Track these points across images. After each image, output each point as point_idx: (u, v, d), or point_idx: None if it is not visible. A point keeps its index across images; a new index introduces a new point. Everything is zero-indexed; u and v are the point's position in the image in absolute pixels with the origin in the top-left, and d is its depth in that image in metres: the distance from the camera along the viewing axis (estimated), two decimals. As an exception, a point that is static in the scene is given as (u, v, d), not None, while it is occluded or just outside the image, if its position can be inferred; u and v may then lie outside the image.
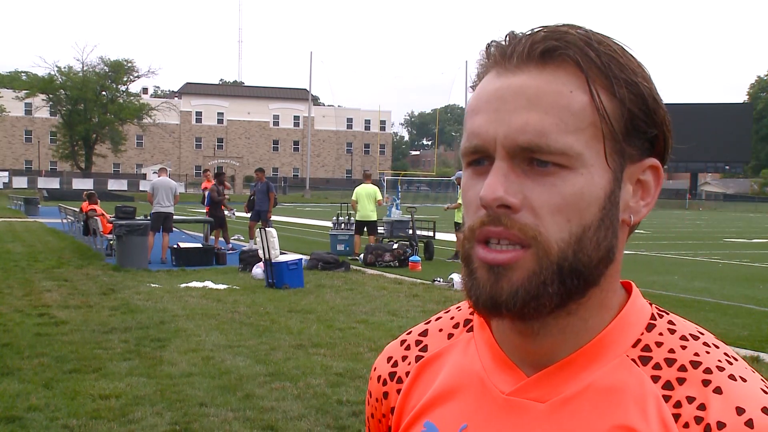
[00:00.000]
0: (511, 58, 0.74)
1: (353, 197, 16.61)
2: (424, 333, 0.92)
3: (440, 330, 0.91)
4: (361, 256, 15.76)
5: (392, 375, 0.91)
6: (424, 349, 0.90)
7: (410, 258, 14.92)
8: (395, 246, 15.73)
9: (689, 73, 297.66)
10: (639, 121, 0.75)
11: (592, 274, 0.75)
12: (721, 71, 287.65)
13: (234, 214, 18.55)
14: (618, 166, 0.75)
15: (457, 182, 17.21)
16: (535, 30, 0.75)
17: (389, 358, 0.93)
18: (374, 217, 16.65)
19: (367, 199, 16.40)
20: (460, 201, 16.79)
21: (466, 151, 0.76)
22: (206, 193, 18.15)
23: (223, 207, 17.64)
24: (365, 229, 16.59)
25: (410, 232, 16.88)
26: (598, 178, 0.73)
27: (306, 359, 7.09)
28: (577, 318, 0.76)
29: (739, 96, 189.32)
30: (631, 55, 0.76)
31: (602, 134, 0.73)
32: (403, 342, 0.93)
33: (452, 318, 0.91)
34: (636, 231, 0.81)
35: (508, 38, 0.76)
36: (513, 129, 0.72)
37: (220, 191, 17.66)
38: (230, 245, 17.81)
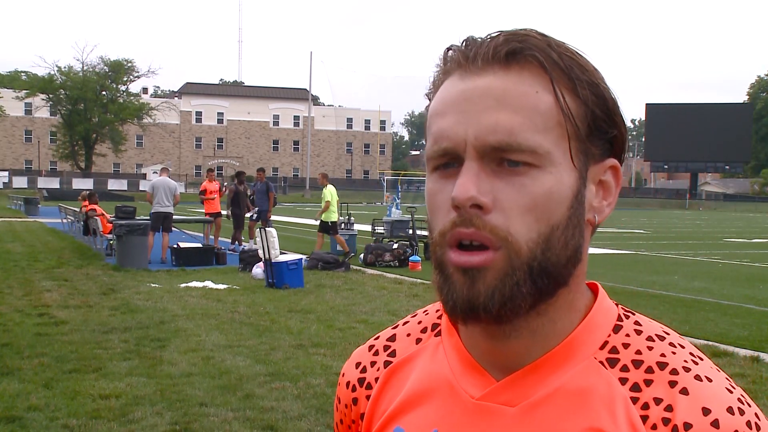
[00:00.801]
0: (475, 60, 0.75)
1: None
2: (392, 338, 0.92)
3: (408, 335, 0.91)
4: (361, 256, 15.77)
5: (361, 381, 0.91)
6: (393, 354, 0.90)
7: (410, 258, 14.93)
8: (395, 246, 15.73)
9: (690, 73, 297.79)
10: (601, 122, 0.76)
11: (561, 273, 0.75)
12: (721, 71, 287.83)
13: (254, 215, 18.52)
14: (583, 165, 0.76)
15: (322, 180, 16.78)
16: (495, 34, 0.76)
17: (357, 364, 0.93)
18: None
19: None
20: (328, 199, 16.12)
21: (433, 154, 0.76)
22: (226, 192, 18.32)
23: (248, 206, 17.78)
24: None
25: (410, 232, 16.88)
26: (567, 177, 0.74)
27: (306, 359, 7.09)
28: (546, 319, 0.77)
29: (739, 96, 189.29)
30: (587, 59, 0.77)
31: (567, 134, 0.74)
32: (371, 347, 0.93)
33: (420, 322, 0.91)
34: (636, 231, 0.81)
35: (467, 43, 0.77)
36: (483, 128, 0.72)
37: (237, 191, 17.66)
38: (238, 245, 17.74)
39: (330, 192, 16.22)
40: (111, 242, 15.79)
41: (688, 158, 78.55)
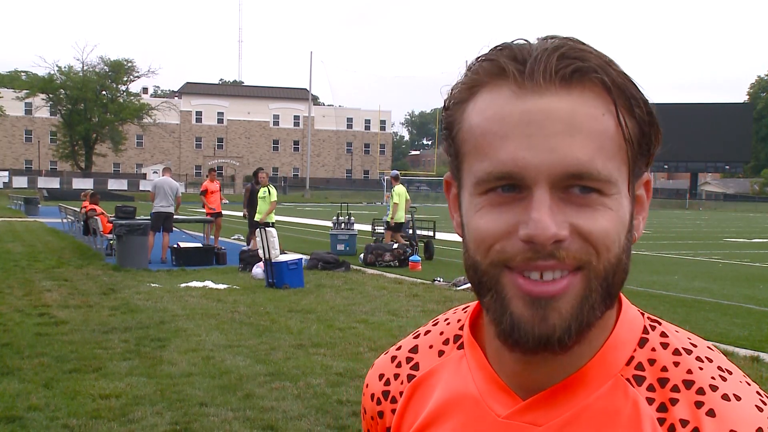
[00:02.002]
0: (533, 76, 0.70)
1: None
2: (415, 349, 0.91)
3: (430, 347, 0.90)
4: (361, 256, 15.79)
5: (386, 394, 0.91)
6: (416, 367, 0.89)
7: (410, 258, 14.93)
8: (395, 246, 15.73)
9: (690, 73, 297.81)
10: (648, 140, 0.74)
11: (617, 296, 0.75)
12: (721, 71, 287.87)
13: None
14: (633, 186, 0.74)
15: (393, 182, 17.06)
16: (545, 43, 0.71)
17: (381, 375, 0.92)
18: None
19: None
20: (396, 201, 16.24)
21: (491, 177, 0.71)
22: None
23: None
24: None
25: (410, 231, 16.88)
26: (626, 202, 0.73)
27: (306, 359, 7.09)
28: (585, 340, 0.74)
29: (739, 96, 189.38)
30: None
31: (628, 159, 0.72)
32: (393, 358, 0.92)
33: (441, 333, 0.90)
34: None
35: (510, 52, 0.72)
36: (559, 157, 0.68)
37: (257, 191, 17.45)
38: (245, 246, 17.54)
39: (397, 192, 16.34)
40: (111, 242, 15.79)
41: (688, 158, 78.47)
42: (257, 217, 15.43)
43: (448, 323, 0.90)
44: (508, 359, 0.78)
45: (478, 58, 0.74)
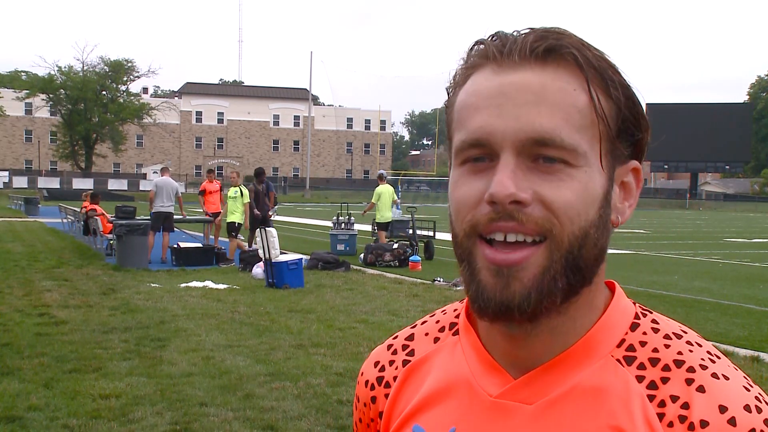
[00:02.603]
0: (511, 54, 0.74)
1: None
2: (411, 337, 0.92)
3: (426, 334, 0.91)
4: (361, 256, 15.80)
5: (380, 380, 0.91)
6: (411, 353, 0.90)
7: (410, 258, 14.93)
8: (395, 246, 15.73)
9: (690, 73, 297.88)
10: (629, 124, 0.76)
11: (590, 272, 0.76)
12: (721, 71, 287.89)
13: (275, 213, 18.28)
14: (611, 166, 0.76)
15: (380, 180, 17.11)
16: (529, 30, 0.76)
17: (376, 363, 0.93)
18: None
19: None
20: (374, 200, 16.43)
21: (465, 146, 0.75)
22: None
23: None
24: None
25: (410, 231, 16.89)
26: (598, 176, 0.74)
27: (306, 359, 7.09)
28: (567, 317, 0.77)
29: (739, 96, 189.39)
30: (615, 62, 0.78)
31: (600, 134, 0.74)
32: (389, 347, 0.94)
33: (438, 322, 0.92)
34: (636, 231, 0.81)
35: (498, 38, 0.76)
36: (523, 124, 0.72)
37: (257, 191, 17.36)
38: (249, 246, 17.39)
39: (376, 192, 16.47)
40: (111, 242, 15.80)
41: (688, 158, 78.49)
42: (229, 218, 15.27)
43: (445, 313, 0.92)
44: (497, 337, 0.80)
45: (472, 44, 0.79)
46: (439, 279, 12.79)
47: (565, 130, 0.72)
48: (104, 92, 73.13)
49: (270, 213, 17.59)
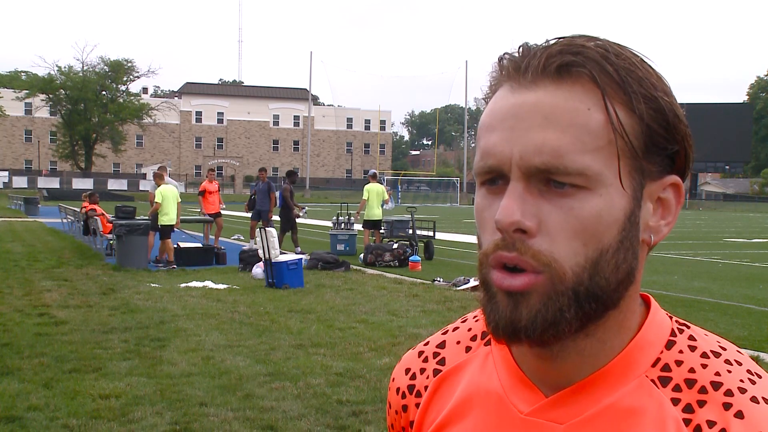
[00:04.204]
0: (526, 72, 0.72)
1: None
2: (442, 345, 0.91)
3: (458, 342, 0.89)
4: (361, 256, 15.80)
5: (411, 388, 0.90)
6: (442, 362, 0.89)
7: (410, 258, 14.93)
8: (395, 246, 15.73)
9: (689, 73, 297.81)
10: (659, 137, 0.72)
11: (611, 297, 0.72)
12: (721, 71, 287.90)
13: (305, 213, 18.21)
14: (637, 184, 0.72)
15: (371, 179, 17.12)
16: (551, 43, 0.73)
17: (407, 370, 0.92)
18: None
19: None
20: (365, 197, 16.46)
21: (480, 170, 0.73)
22: (278, 192, 17.14)
23: (295, 207, 17.20)
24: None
25: (410, 231, 16.89)
26: (618, 198, 0.71)
27: (306, 359, 7.09)
28: (595, 340, 0.74)
29: (739, 96, 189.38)
30: (651, 68, 0.74)
31: (618, 153, 0.71)
32: (420, 353, 0.92)
33: (470, 330, 0.90)
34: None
35: (521, 51, 0.74)
36: (529, 148, 0.69)
37: (292, 191, 17.17)
38: (298, 249, 16.79)
39: (366, 189, 16.48)
40: (111, 242, 15.79)
41: (688, 158, 78.47)
42: (165, 221, 14.33)
43: (477, 320, 0.90)
44: (527, 354, 0.78)
45: (498, 57, 0.76)
46: (438, 279, 12.78)
47: (572, 154, 0.69)
48: (104, 92, 73.16)
49: (301, 213, 17.59)
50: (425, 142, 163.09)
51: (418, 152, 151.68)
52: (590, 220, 0.70)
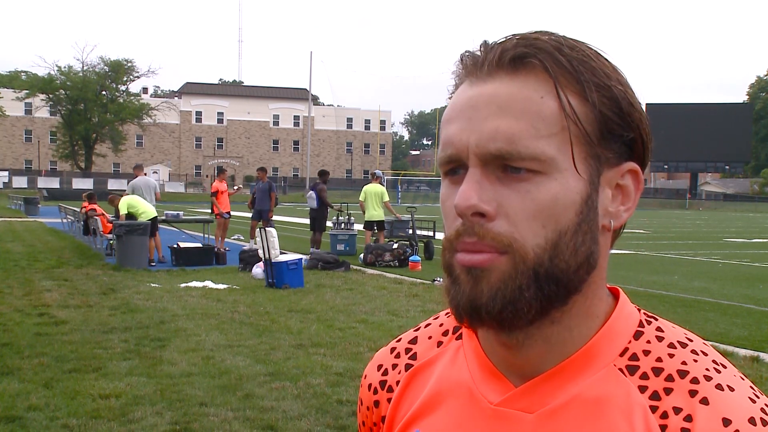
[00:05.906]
0: (483, 66, 0.75)
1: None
2: (414, 340, 0.92)
3: (429, 337, 0.91)
4: (361, 256, 15.80)
5: (383, 384, 0.91)
6: (414, 357, 0.90)
7: (410, 258, 14.93)
8: (395, 246, 15.73)
9: (689, 73, 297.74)
10: (613, 124, 0.74)
11: (571, 280, 0.74)
12: (721, 71, 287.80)
13: (341, 211, 18.19)
14: (594, 170, 0.74)
15: (372, 179, 17.14)
16: (507, 38, 0.75)
17: (379, 366, 0.93)
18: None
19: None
20: (361, 198, 16.49)
21: (441, 161, 0.76)
22: (313, 194, 16.71)
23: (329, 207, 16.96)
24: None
25: (410, 231, 16.89)
26: (574, 182, 0.72)
27: (306, 359, 7.09)
28: (561, 327, 0.76)
29: (739, 96, 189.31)
30: (606, 60, 0.76)
31: (570, 139, 0.72)
32: (392, 350, 0.93)
33: (441, 325, 0.91)
34: (636, 231, 0.80)
35: (481, 47, 0.77)
36: (484, 136, 0.72)
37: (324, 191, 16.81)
38: (313, 249, 16.32)
39: (363, 190, 16.52)
40: (111, 242, 15.78)
41: (688, 158, 78.51)
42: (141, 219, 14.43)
43: (449, 315, 0.91)
44: (494, 344, 0.79)
45: (459, 56, 0.79)
46: (438, 279, 12.78)
47: (525, 140, 0.71)
48: (104, 92, 73.09)
49: (338, 211, 17.54)
50: (425, 142, 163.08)
51: (418, 152, 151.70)
52: (547, 203, 0.71)
